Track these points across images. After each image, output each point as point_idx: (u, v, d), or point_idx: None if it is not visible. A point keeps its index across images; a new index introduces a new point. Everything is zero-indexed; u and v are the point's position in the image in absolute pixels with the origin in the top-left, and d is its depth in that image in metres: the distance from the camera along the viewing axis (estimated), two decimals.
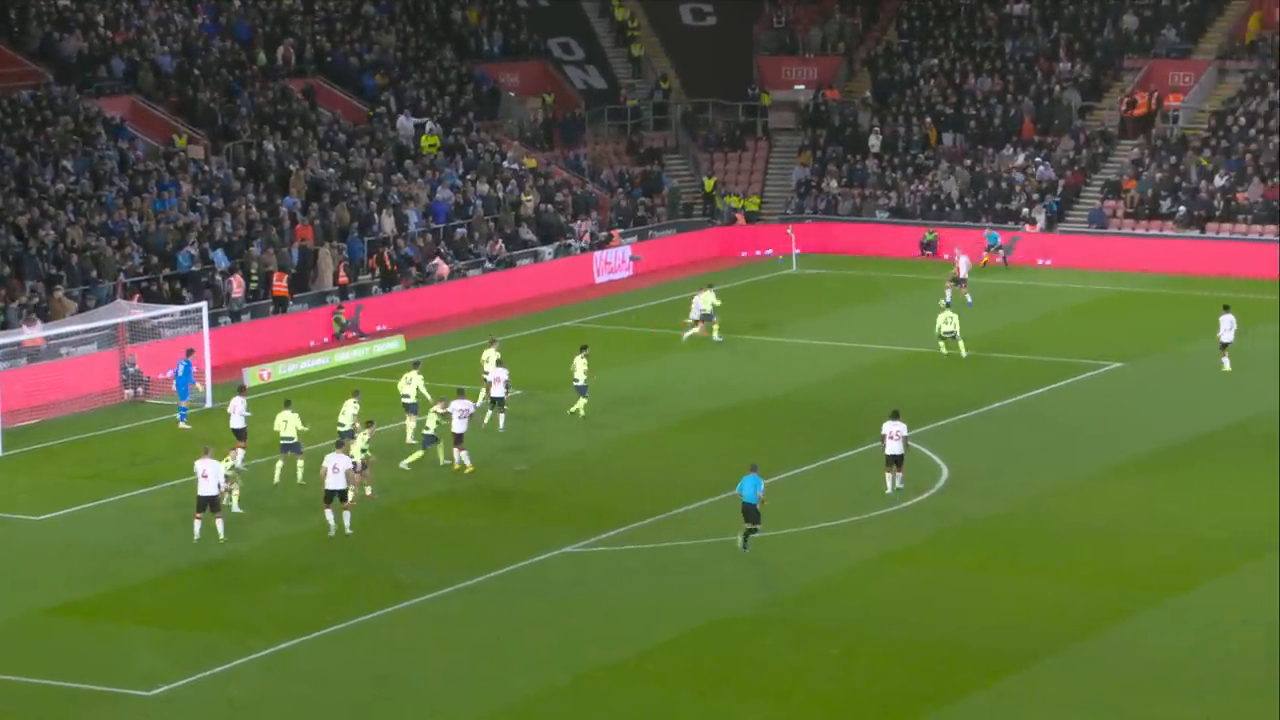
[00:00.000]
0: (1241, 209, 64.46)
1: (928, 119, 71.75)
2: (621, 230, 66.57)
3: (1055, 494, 38.41)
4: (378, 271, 58.57)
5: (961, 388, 46.41)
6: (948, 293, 55.38)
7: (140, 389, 48.74)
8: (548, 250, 63.93)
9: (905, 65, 74.41)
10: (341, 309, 55.87)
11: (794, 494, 38.99)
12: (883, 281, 62.44)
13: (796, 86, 75.31)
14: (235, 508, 37.76)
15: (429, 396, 42.40)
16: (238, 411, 41.36)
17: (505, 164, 66.56)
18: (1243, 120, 67.52)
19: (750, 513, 34.92)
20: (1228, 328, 47.34)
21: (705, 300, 52.81)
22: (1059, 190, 67.51)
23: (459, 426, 40.30)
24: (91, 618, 32.69)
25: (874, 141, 71.62)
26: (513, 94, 71.55)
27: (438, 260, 59.94)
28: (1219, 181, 65.55)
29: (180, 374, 45.78)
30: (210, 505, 36.32)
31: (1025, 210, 66.99)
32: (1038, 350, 50.82)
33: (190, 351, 46.70)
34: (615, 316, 58.34)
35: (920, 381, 47.27)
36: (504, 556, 35.31)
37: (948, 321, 49.59)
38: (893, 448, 37.96)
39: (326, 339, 54.85)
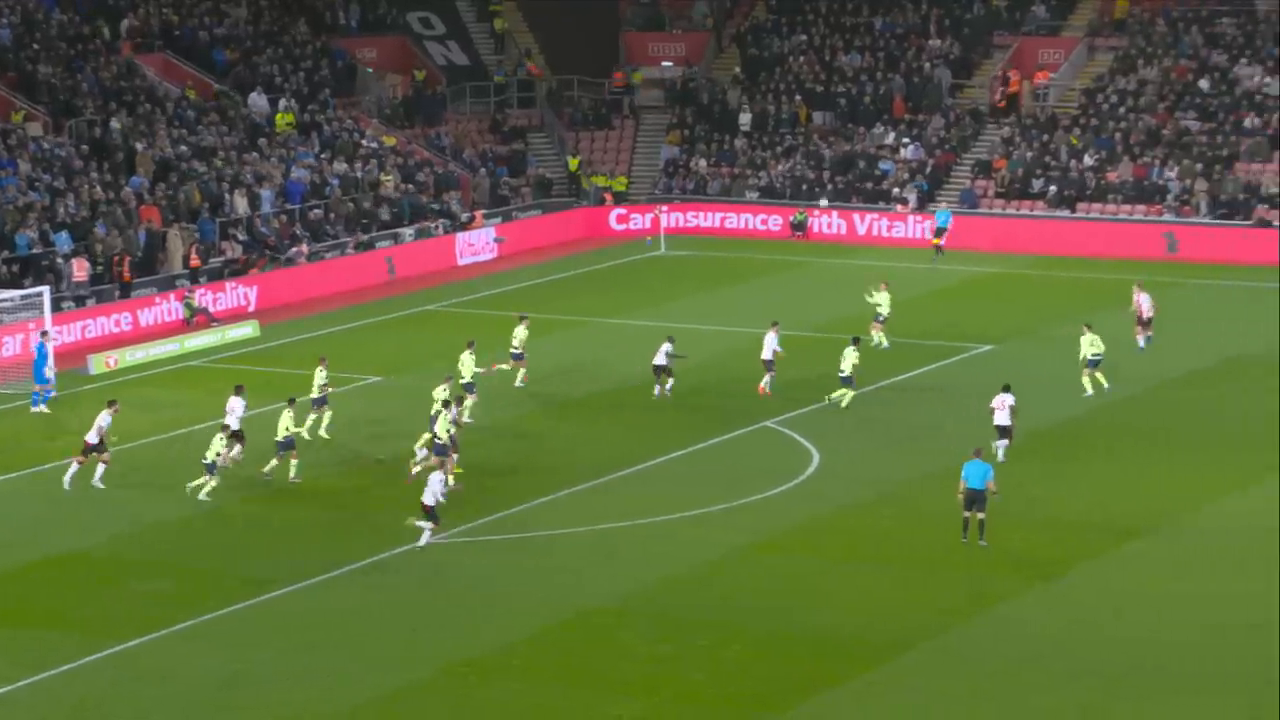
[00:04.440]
0: (1112, 188, 64.19)
1: (798, 97, 70.87)
2: (485, 211, 65.17)
3: (926, 479, 37.67)
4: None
5: (832, 371, 45.41)
6: (1140, 339, 47.23)
7: None
8: (408, 232, 62.29)
9: (775, 41, 73.51)
10: (192, 293, 53.93)
11: (663, 481, 38.15)
12: (753, 263, 61.54)
13: (664, 63, 74.19)
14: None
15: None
16: (234, 413, 38.79)
17: (364, 142, 64.79)
18: (1113, 98, 67.33)
19: (977, 500, 33.77)
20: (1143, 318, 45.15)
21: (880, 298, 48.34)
22: (929, 170, 66.91)
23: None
24: None
25: (744, 120, 70.65)
26: (370, 70, 69.80)
27: (302, 247, 58.20)
28: (1089, 160, 65.26)
29: (37, 357, 43.80)
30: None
31: (896, 190, 66.29)
32: (911, 333, 49.99)
33: (45, 334, 44.78)
34: (479, 300, 57.02)
35: (790, 365, 46.22)
36: (364, 548, 34.25)
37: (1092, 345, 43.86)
38: (1000, 418, 38.64)
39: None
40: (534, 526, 35.60)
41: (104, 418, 37.80)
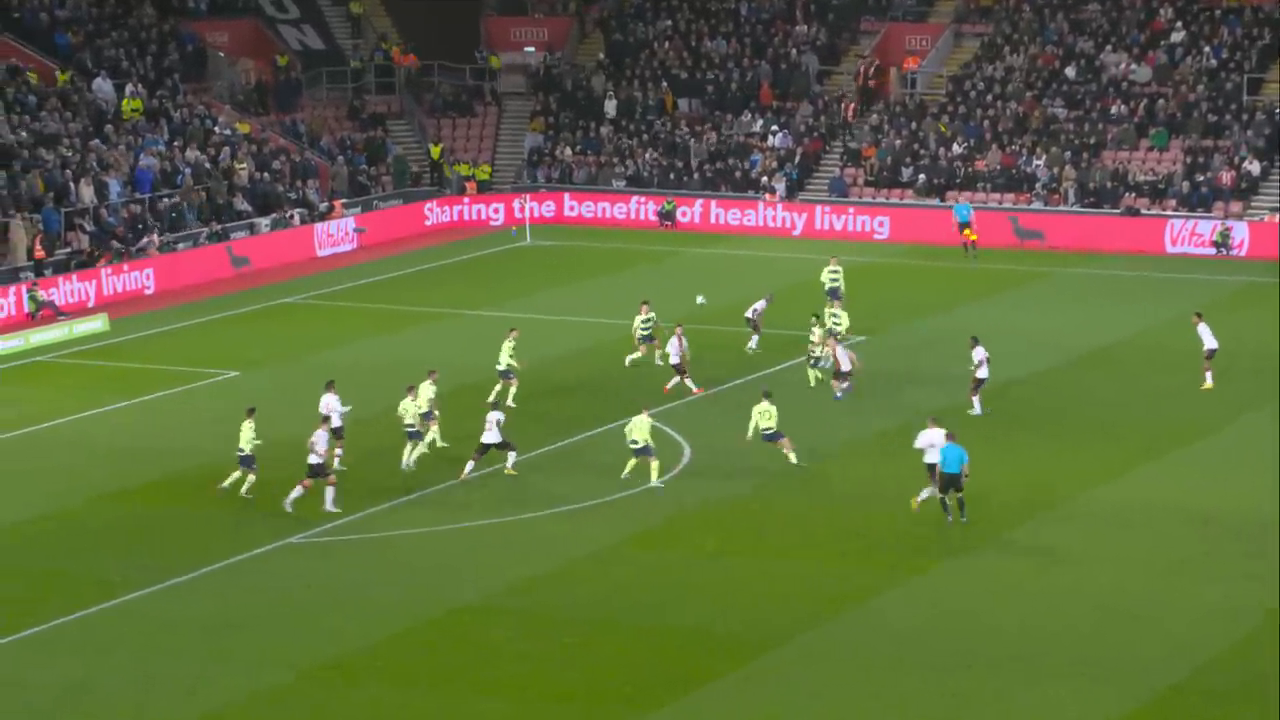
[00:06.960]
0: (980, 176, 63.85)
1: (664, 83, 69.85)
2: (344, 200, 63.51)
3: (796, 472, 36.75)
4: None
5: (704, 364, 44.48)
6: (837, 390, 42.76)
7: None
8: (265, 222, 60.47)
9: (639, 26, 72.44)
10: (37, 285, 51.85)
11: (530, 476, 37.06)
12: (621, 253, 60.51)
13: (526, 48, 72.85)
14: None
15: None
16: (334, 411, 36.57)
17: (216, 129, 62.81)
18: (980, 85, 67.01)
19: (953, 482, 33.41)
20: (1208, 336, 42.53)
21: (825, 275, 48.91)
22: (798, 158, 66.19)
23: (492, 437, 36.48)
24: None
25: (609, 107, 69.50)
26: (222, 54, 67.76)
27: (153, 237, 56.22)
28: (957, 149, 64.86)
29: None
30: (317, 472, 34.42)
31: (765, 179, 65.50)
32: (785, 325, 49.00)
33: None
34: (339, 292, 55.42)
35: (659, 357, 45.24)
36: (222, 550, 32.99)
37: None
38: (983, 373, 40.22)
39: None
40: (400, 525, 34.42)
41: (319, 437, 34.63)
